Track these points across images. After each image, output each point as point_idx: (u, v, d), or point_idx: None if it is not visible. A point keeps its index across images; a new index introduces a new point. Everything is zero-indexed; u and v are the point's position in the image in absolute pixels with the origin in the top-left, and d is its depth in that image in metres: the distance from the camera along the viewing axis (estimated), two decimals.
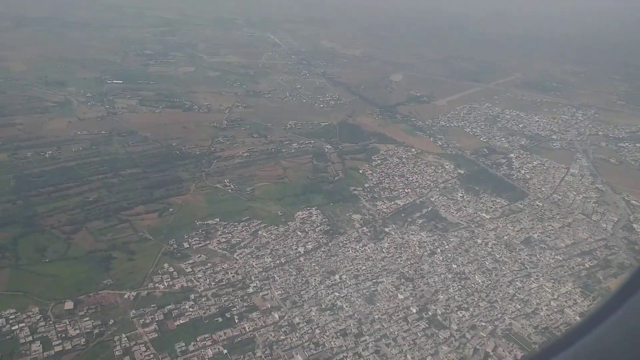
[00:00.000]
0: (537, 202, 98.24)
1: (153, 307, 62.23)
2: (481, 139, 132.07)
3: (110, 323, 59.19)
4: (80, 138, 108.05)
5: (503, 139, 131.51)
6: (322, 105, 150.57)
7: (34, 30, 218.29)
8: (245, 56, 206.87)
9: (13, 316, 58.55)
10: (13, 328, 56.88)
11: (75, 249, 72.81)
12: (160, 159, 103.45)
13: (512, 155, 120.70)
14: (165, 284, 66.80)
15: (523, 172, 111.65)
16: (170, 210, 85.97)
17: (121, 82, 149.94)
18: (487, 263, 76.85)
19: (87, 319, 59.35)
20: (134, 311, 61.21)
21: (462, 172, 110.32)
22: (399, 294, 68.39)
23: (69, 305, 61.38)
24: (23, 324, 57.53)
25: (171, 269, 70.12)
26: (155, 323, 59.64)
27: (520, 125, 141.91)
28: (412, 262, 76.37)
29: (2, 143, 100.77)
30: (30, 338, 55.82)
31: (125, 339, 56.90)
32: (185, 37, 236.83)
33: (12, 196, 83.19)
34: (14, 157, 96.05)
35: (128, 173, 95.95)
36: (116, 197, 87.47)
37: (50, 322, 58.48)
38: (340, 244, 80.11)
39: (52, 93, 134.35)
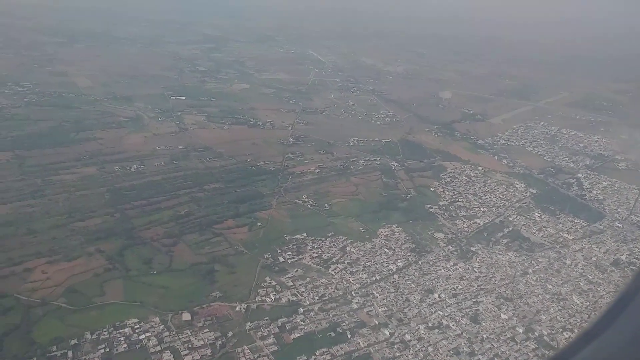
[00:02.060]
0: (616, 223, 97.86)
1: (266, 319, 64.05)
2: (545, 158, 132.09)
3: (230, 335, 61.12)
4: (160, 153, 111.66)
5: (567, 158, 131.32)
6: (378, 123, 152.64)
7: (87, 46, 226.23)
8: (293, 73, 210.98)
9: (137, 325, 60.91)
10: (140, 337, 59.22)
11: (178, 262, 75.34)
12: (238, 174, 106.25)
13: (580, 175, 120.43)
14: (272, 298, 68.60)
15: (595, 192, 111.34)
16: (258, 224, 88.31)
17: (184, 98, 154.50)
18: (581, 284, 76.98)
19: (207, 330, 61.42)
20: (249, 324, 63.07)
21: (534, 191, 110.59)
22: (501, 314, 69.02)
23: (186, 316, 63.61)
24: (149, 334, 59.83)
25: (273, 283, 72.02)
26: (272, 336, 61.40)
27: (581, 145, 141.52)
28: (507, 282, 76.96)
29: (89, 157, 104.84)
30: (159, 348, 58.01)
31: (248, 351, 58.67)
32: (232, 54, 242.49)
33: (110, 209, 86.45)
34: (102, 170, 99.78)
35: (212, 188, 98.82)
36: (205, 210, 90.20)
37: (173, 332, 60.64)
38: (430, 263, 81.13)
39: (122, 108, 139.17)
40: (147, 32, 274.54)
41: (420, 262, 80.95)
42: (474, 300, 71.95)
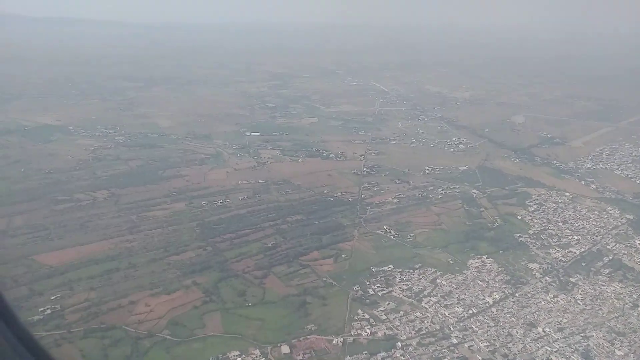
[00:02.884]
0: None
1: (365, 354, 62.83)
2: (637, 181, 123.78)
3: None
4: (242, 187, 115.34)
5: None
6: (452, 150, 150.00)
7: (164, 88, 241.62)
8: (359, 105, 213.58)
9: (239, 358, 61.62)
10: None
11: (270, 294, 76.16)
12: (318, 206, 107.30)
13: None
14: (368, 331, 67.35)
15: None
16: (343, 256, 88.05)
17: (259, 134, 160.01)
18: None
19: None
20: (348, 357, 62.13)
21: (630, 217, 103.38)
22: (616, 350, 63.78)
23: (285, 349, 63.67)
24: None
25: (366, 316, 70.88)
26: None
27: None
28: (616, 315, 71.37)
29: (178, 193, 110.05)
30: None
31: None
32: (298, 90, 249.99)
33: (201, 243, 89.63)
34: (191, 205, 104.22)
35: (294, 220, 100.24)
36: (290, 242, 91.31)
37: None
38: (528, 295, 76.99)
39: (202, 146, 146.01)
40: (217, 74, 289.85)
41: (517, 295, 77.00)
42: (582, 334, 67.07)
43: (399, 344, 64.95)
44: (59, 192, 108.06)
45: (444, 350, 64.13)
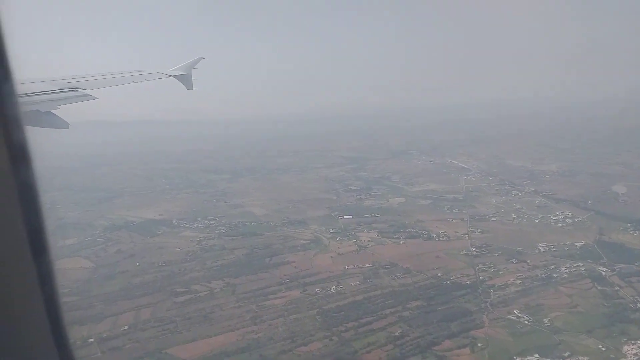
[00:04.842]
0: None
1: None
2: None
3: None
4: (351, 272, 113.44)
5: None
6: (560, 225, 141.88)
7: (250, 178, 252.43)
8: (443, 183, 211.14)
9: None
10: None
11: None
12: (435, 290, 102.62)
13: None
14: None
15: None
16: (479, 345, 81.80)
17: (351, 216, 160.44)
18: None
19: None
20: None
21: None
22: None
23: None
24: None
25: None
26: None
27: None
28: None
29: (290, 280, 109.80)
30: None
31: None
32: (375, 171, 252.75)
33: (326, 332, 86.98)
34: (305, 293, 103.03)
35: (414, 306, 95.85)
36: (418, 331, 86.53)
37: None
38: None
39: (300, 232, 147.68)
40: (295, 161, 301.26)
41: None
42: None
43: None
44: (176, 284, 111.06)
45: None
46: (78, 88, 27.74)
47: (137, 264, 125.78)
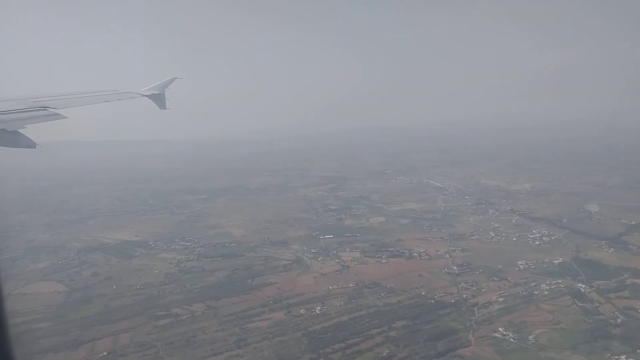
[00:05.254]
0: None
1: None
2: None
3: None
4: (335, 292, 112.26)
5: None
6: (537, 243, 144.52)
7: (227, 199, 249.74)
8: (421, 202, 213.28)
9: None
10: None
11: None
12: (420, 309, 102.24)
13: None
14: None
15: None
16: None
17: (332, 236, 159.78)
18: None
19: None
20: None
21: None
22: None
23: None
24: None
25: None
26: None
27: None
28: None
29: (273, 302, 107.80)
30: None
31: None
32: (354, 191, 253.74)
33: (313, 354, 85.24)
34: (290, 314, 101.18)
35: (400, 325, 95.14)
36: (405, 351, 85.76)
37: None
38: None
39: (280, 252, 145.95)
40: (273, 181, 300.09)
41: None
42: None
43: None
44: (156, 308, 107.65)
45: None
46: (47, 107, 26.74)
47: (114, 287, 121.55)
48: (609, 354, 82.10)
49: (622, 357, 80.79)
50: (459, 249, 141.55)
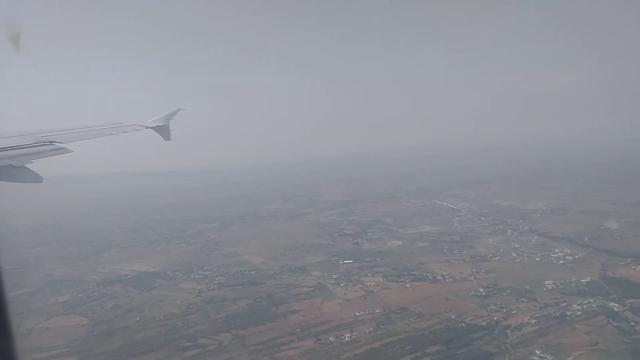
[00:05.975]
0: None
1: None
2: None
3: None
4: (363, 319, 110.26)
5: None
6: (561, 262, 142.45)
7: (240, 226, 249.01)
8: (437, 224, 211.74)
9: None
10: None
11: None
12: (452, 334, 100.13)
13: None
14: None
15: None
16: None
17: (351, 261, 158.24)
18: None
19: None
20: None
21: None
22: None
23: None
24: None
25: None
26: None
27: None
28: None
29: (301, 330, 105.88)
30: None
31: None
32: (367, 215, 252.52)
33: None
34: (319, 342, 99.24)
35: (434, 350, 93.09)
36: None
37: None
38: None
39: (301, 278, 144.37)
40: (284, 207, 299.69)
41: None
42: None
43: None
44: (182, 338, 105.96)
45: None
46: (53, 142, 26.93)
47: (137, 319, 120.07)
48: None
49: None
50: (483, 270, 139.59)
